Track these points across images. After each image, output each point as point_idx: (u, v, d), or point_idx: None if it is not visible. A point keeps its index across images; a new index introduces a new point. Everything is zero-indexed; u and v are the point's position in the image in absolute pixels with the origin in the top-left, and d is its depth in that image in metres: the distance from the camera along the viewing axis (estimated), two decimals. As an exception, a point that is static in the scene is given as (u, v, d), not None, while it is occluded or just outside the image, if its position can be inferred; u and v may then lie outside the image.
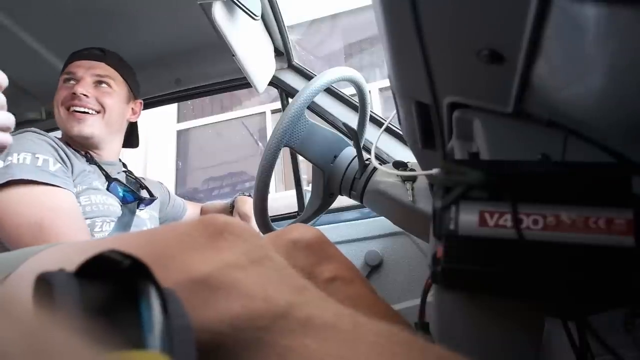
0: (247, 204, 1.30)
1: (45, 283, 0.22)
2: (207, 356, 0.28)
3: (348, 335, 0.29)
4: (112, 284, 0.24)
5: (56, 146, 1.01)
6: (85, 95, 1.08)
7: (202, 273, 0.31)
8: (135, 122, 1.29)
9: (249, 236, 0.35)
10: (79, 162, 1.05)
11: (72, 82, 1.11)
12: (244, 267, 0.32)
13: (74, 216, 0.93)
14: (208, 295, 0.30)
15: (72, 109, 1.08)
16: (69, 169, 1.01)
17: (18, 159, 0.92)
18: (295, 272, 0.35)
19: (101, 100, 1.11)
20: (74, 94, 1.07)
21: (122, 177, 1.18)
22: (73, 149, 1.08)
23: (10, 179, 0.89)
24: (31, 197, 0.90)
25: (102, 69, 1.14)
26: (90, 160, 1.09)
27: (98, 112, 1.10)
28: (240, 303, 0.30)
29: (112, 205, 1.05)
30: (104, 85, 1.13)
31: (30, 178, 0.90)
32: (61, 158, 1.00)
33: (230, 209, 1.33)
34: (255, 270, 0.32)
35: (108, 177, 1.09)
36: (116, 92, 1.14)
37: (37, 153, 0.95)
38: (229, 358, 0.29)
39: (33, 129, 1.02)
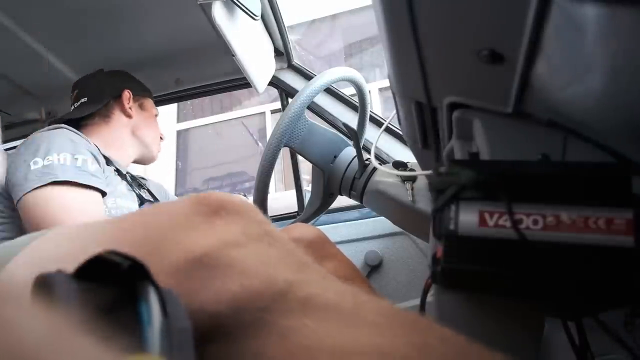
0: None
1: (43, 284, 0.22)
2: (208, 337, 0.28)
3: (349, 315, 0.28)
4: (111, 285, 0.24)
5: (92, 148, 1.03)
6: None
7: (199, 253, 0.30)
8: None
9: (245, 212, 0.34)
10: (107, 167, 1.07)
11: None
12: (242, 245, 0.31)
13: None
14: (206, 276, 0.29)
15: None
16: (101, 169, 1.03)
17: (59, 159, 0.93)
18: (296, 247, 0.33)
19: None
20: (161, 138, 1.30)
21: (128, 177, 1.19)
22: (102, 155, 1.10)
23: (54, 179, 0.90)
24: (67, 197, 0.91)
25: None
26: (119, 173, 1.11)
27: None
28: (239, 282, 0.29)
29: (133, 209, 1.08)
30: None
31: (71, 179, 0.91)
32: (96, 158, 1.02)
33: None
34: (253, 248, 0.31)
35: (140, 197, 1.12)
36: None
37: (76, 154, 0.96)
38: (229, 338, 0.28)
39: (65, 125, 1.05)
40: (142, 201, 1.12)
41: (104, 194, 0.97)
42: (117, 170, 1.10)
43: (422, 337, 0.27)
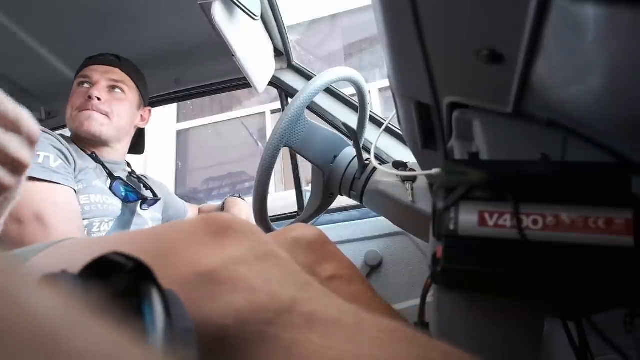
0: (236, 207, 1.30)
1: (48, 283, 0.22)
2: (214, 349, 0.29)
3: (351, 330, 0.29)
4: (115, 286, 0.24)
5: (59, 144, 1.02)
6: (98, 98, 1.11)
7: (208, 268, 0.32)
8: (143, 129, 1.31)
9: (252, 233, 0.36)
10: (82, 161, 1.06)
11: (86, 85, 1.14)
12: (248, 263, 0.33)
13: (72, 212, 0.95)
14: (214, 289, 0.31)
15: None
16: (72, 165, 1.01)
17: None
18: (299, 268, 0.35)
19: (113, 105, 1.13)
20: (89, 97, 1.10)
21: (124, 177, 1.18)
22: (79, 147, 1.09)
23: None
24: (32, 193, 0.90)
25: (117, 74, 1.17)
26: (95, 159, 1.10)
27: (108, 115, 1.12)
28: (245, 297, 0.30)
29: (112, 205, 1.06)
30: (117, 90, 1.16)
31: (30, 175, 0.91)
32: (64, 155, 1.01)
33: (221, 211, 1.34)
34: (259, 266, 0.33)
35: (111, 176, 1.09)
36: (128, 98, 1.17)
37: (37, 151, 0.96)
38: (235, 351, 0.29)
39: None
40: (138, 197, 1.10)
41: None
42: (103, 166, 1.10)
43: (424, 351, 0.28)
